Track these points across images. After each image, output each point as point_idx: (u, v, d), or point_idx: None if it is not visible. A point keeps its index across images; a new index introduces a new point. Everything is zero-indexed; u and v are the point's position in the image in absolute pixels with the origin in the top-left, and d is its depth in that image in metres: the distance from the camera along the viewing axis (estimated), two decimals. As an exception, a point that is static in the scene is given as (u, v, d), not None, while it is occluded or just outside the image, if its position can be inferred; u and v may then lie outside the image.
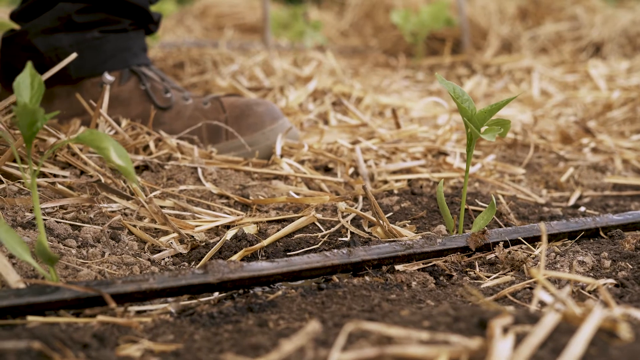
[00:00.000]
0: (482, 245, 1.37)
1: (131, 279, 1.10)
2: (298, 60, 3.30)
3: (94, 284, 1.08)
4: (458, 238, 1.36)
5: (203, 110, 1.93)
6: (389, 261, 1.29)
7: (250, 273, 1.16)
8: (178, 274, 1.12)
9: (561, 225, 1.45)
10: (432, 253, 1.33)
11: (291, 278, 1.21)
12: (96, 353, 0.93)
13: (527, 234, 1.40)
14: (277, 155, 1.83)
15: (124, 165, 1.01)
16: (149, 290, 1.09)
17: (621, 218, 1.51)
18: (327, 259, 1.23)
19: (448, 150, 2.06)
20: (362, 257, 1.26)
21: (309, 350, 0.82)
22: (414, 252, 1.31)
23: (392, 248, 1.30)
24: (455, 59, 4.17)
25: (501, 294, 1.19)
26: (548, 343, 0.80)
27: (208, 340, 0.99)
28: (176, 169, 1.69)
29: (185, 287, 1.12)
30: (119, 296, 1.08)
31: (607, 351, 0.79)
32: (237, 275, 1.15)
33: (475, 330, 0.85)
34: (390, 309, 1.06)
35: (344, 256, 1.25)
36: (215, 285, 1.14)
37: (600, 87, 3.25)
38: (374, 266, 1.28)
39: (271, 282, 1.19)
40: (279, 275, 1.19)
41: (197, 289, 1.13)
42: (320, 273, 1.23)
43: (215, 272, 1.13)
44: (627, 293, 1.17)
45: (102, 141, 1.01)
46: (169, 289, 1.11)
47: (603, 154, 2.21)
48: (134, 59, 1.99)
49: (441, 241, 1.34)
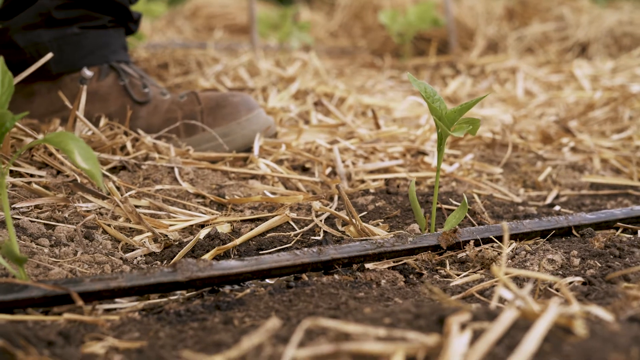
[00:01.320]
0: (454, 243, 1.37)
1: (99, 277, 1.10)
2: (282, 60, 3.30)
3: (62, 282, 1.08)
4: (429, 237, 1.37)
5: (179, 103, 1.94)
6: (360, 260, 1.30)
7: (220, 272, 1.17)
8: (147, 272, 1.13)
9: (533, 223, 1.46)
10: (403, 252, 1.34)
11: (261, 276, 1.21)
12: (61, 350, 0.94)
13: (498, 233, 1.41)
14: (254, 154, 1.84)
15: (88, 168, 1.01)
16: (118, 289, 1.10)
17: (594, 217, 1.52)
18: (297, 257, 1.24)
19: (427, 150, 2.07)
20: (332, 256, 1.27)
21: (267, 346, 0.83)
22: (384, 251, 1.32)
23: (363, 247, 1.30)
24: (441, 59, 4.18)
25: (469, 292, 1.20)
26: (505, 339, 0.81)
27: (172, 338, 0.99)
28: (153, 169, 1.70)
29: (154, 285, 1.12)
30: (87, 294, 1.08)
31: (561, 347, 0.79)
32: (206, 274, 1.15)
33: (434, 327, 0.86)
34: (356, 307, 1.07)
35: (314, 255, 1.25)
36: (185, 284, 1.14)
37: (585, 87, 3.26)
38: (345, 264, 1.29)
39: (241, 281, 1.20)
40: (248, 273, 1.19)
41: (166, 287, 1.13)
42: (290, 271, 1.24)
43: (184, 271, 1.14)
44: (594, 291, 1.18)
45: (67, 143, 1.02)
46: (137, 287, 1.11)
47: (582, 153, 2.22)
48: (113, 55, 2.00)
49: (412, 240, 1.35)
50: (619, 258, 1.33)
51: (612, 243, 1.39)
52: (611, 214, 1.53)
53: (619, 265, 1.29)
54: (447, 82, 3.65)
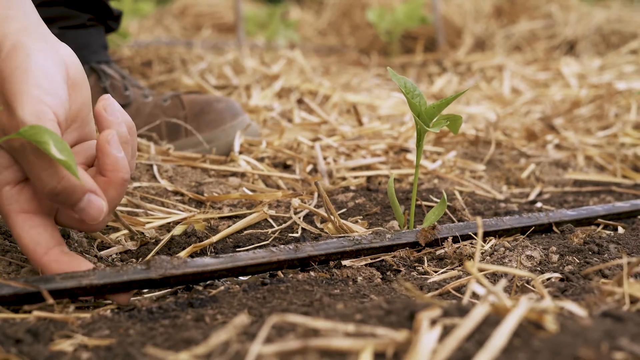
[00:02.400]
0: (432, 240, 1.36)
1: (71, 275, 1.09)
2: (267, 58, 3.29)
3: (33, 280, 1.07)
4: (408, 233, 1.36)
5: (162, 108, 1.92)
6: (337, 257, 1.29)
7: (194, 269, 1.15)
8: (120, 269, 1.11)
9: (513, 220, 1.45)
10: (381, 248, 1.33)
11: (236, 274, 1.20)
12: (29, 348, 0.93)
13: (477, 229, 1.41)
14: (235, 152, 1.83)
15: (64, 159, 1.00)
16: (90, 286, 1.09)
17: (575, 213, 1.51)
18: (273, 254, 1.22)
19: (410, 148, 2.06)
20: (309, 253, 1.25)
21: (235, 343, 0.82)
22: (362, 248, 1.30)
23: (340, 244, 1.29)
24: (428, 57, 4.18)
25: (445, 289, 1.19)
26: (475, 335, 0.80)
27: (142, 335, 0.98)
28: (131, 166, 1.68)
29: (127, 282, 1.11)
30: (59, 292, 1.07)
31: (531, 342, 0.79)
32: (180, 272, 1.14)
33: (405, 323, 0.85)
34: (329, 303, 1.06)
35: (290, 252, 1.24)
36: (158, 281, 1.13)
37: (571, 85, 3.26)
38: (322, 262, 1.28)
39: (216, 278, 1.19)
40: (223, 271, 1.18)
41: (139, 285, 1.12)
42: (266, 269, 1.22)
43: (158, 268, 1.13)
44: (571, 287, 1.17)
45: (42, 136, 1.00)
46: (110, 284, 1.10)
47: (566, 150, 2.22)
48: (93, 56, 1.98)
49: (390, 237, 1.34)
50: (598, 254, 1.33)
51: (591, 239, 1.38)
52: (592, 210, 1.53)
53: (597, 261, 1.29)
54: (433, 79, 3.64)
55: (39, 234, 1.10)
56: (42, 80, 1.02)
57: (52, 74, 1.04)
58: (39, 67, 1.04)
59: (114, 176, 1.07)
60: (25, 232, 1.10)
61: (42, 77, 1.03)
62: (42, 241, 1.10)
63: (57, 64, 1.07)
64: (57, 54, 1.09)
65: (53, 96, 1.02)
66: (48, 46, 1.09)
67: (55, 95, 1.03)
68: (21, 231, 1.10)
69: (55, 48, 1.10)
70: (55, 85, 1.04)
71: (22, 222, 1.10)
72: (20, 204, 1.09)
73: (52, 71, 1.05)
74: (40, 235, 1.10)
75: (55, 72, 1.05)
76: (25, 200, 1.10)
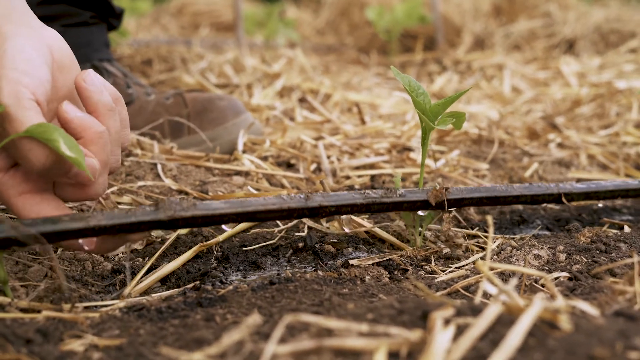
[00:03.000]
0: (441, 201, 1.33)
1: (80, 216, 1.06)
2: (268, 57, 3.29)
3: (41, 222, 1.04)
4: (418, 192, 1.32)
5: (165, 106, 1.92)
6: (347, 209, 1.25)
7: (203, 212, 1.12)
8: (128, 211, 1.09)
9: (523, 188, 1.42)
10: (390, 204, 1.29)
11: (245, 219, 1.17)
12: (39, 348, 0.92)
13: (488, 194, 1.37)
14: (239, 151, 1.82)
15: (74, 156, 1.00)
16: (98, 227, 1.06)
17: (584, 187, 1.49)
18: (284, 202, 1.20)
19: (413, 146, 2.06)
20: (319, 203, 1.23)
21: (248, 343, 0.81)
22: (372, 202, 1.27)
23: (351, 196, 1.26)
24: (427, 56, 4.18)
25: (454, 288, 1.19)
26: (489, 334, 0.80)
27: (153, 335, 0.98)
28: (135, 165, 1.68)
29: (135, 224, 1.08)
30: (67, 233, 1.05)
31: (546, 342, 0.78)
32: (189, 214, 1.12)
33: (418, 322, 0.84)
34: (339, 303, 1.06)
35: (301, 200, 1.22)
36: (167, 223, 1.11)
37: (571, 84, 3.26)
38: (332, 213, 1.24)
39: (224, 222, 1.16)
40: (232, 215, 1.15)
41: (148, 226, 1.10)
42: (275, 216, 1.19)
43: (166, 210, 1.11)
44: (580, 286, 1.17)
45: (51, 134, 1.00)
46: (118, 225, 1.07)
47: (569, 149, 2.22)
48: (95, 54, 1.97)
49: (401, 193, 1.31)
50: (605, 253, 1.32)
51: (598, 238, 1.38)
52: (601, 186, 1.50)
53: (605, 260, 1.28)
54: (433, 78, 3.64)
55: (43, 208, 1.10)
56: (19, 63, 1.04)
57: (29, 56, 1.06)
58: (16, 51, 1.05)
59: (87, 135, 1.07)
60: (30, 211, 1.09)
61: (19, 60, 1.04)
62: (49, 214, 1.10)
63: (37, 47, 1.08)
64: (39, 38, 1.10)
65: (31, 77, 1.04)
66: (30, 31, 1.10)
67: (33, 76, 1.04)
68: (25, 212, 1.10)
69: (38, 33, 1.11)
70: (33, 66, 1.05)
71: (24, 203, 1.10)
72: (16, 187, 1.10)
73: (29, 54, 1.06)
74: (45, 210, 1.10)
75: (34, 54, 1.06)
76: (21, 183, 1.10)
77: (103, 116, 1.10)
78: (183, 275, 1.28)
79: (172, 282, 1.27)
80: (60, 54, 1.13)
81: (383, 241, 1.44)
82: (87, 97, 1.10)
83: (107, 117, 1.10)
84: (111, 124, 1.11)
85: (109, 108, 1.10)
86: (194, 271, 1.30)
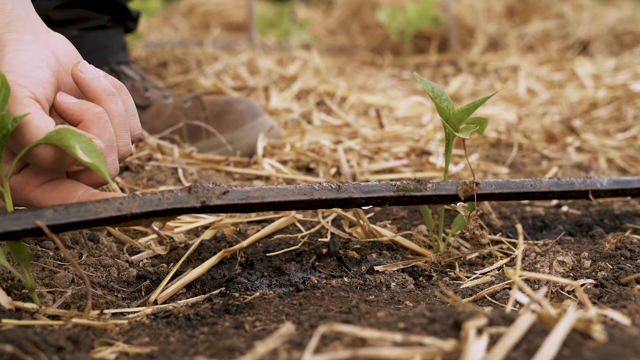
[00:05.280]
0: (471, 195, 1.33)
1: (111, 202, 1.06)
2: (283, 59, 3.29)
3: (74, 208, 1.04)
4: (449, 185, 1.32)
5: (183, 109, 1.92)
6: (377, 201, 1.26)
7: (235, 200, 1.14)
8: (160, 197, 1.09)
9: (551, 183, 1.42)
10: (421, 198, 1.30)
11: (277, 207, 1.18)
12: (70, 356, 0.93)
13: (518, 189, 1.37)
14: (258, 155, 1.82)
15: (92, 162, 0.99)
16: (130, 215, 1.06)
17: (612, 182, 1.48)
18: (316, 192, 1.20)
19: (431, 150, 2.06)
20: (350, 194, 1.23)
21: (282, 352, 0.82)
22: (403, 195, 1.27)
23: (383, 187, 1.26)
24: (442, 58, 4.17)
25: (480, 295, 1.19)
26: (522, 344, 0.80)
27: (183, 343, 0.98)
28: (156, 170, 1.68)
29: (167, 210, 1.08)
30: (98, 221, 1.04)
31: (581, 352, 0.78)
32: (221, 202, 1.12)
33: (450, 331, 0.84)
34: (368, 310, 1.06)
35: (332, 191, 1.22)
36: (199, 209, 1.11)
37: (587, 86, 3.25)
38: (362, 204, 1.25)
39: (255, 210, 1.17)
40: (264, 204, 1.16)
41: (180, 212, 1.10)
42: (306, 205, 1.20)
43: (200, 196, 1.11)
44: (606, 293, 1.17)
45: (68, 140, 1.00)
46: (151, 212, 1.07)
47: (587, 153, 2.21)
48: (112, 57, 1.98)
49: (432, 186, 1.31)
50: (630, 260, 1.32)
51: (623, 244, 1.38)
52: (628, 182, 1.50)
53: (631, 267, 1.28)
54: (448, 80, 3.63)
55: (60, 191, 1.10)
56: (16, 66, 1.06)
57: (28, 59, 1.08)
58: (14, 55, 1.08)
59: (85, 117, 1.09)
60: (48, 199, 1.10)
61: (16, 63, 1.07)
62: (67, 194, 1.10)
63: (39, 51, 1.10)
64: (42, 43, 1.12)
65: (29, 78, 1.06)
66: (34, 37, 1.13)
67: (31, 77, 1.06)
68: (45, 201, 1.10)
69: (43, 38, 1.14)
70: (32, 67, 1.07)
71: (41, 193, 1.11)
72: (31, 182, 1.11)
73: (28, 57, 1.08)
74: (62, 192, 1.10)
75: (34, 57, 1.08)
76: (35, 178, 1.11)
77: (104, 101, 1.12)
78: (208, 281, 1.28)
79: (197, 288, 1.27)
80: (66, 57, 1.16)
81: (406, 247, 1.44)
82: (85, 85, 1.12)
83: (108, 101, 1.12)
84: (112, 107, 1.12)
85: (109, 93, 1.12)
86: (219, 277, 1.30)
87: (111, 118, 1.12)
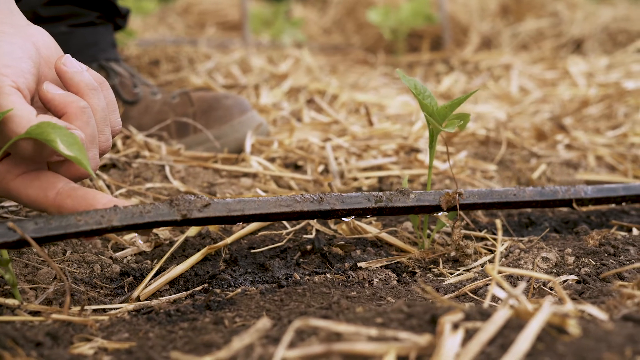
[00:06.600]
0: (453, 206, 1.33)
1: (92, 215, 1.05)
2: (275, 57, 3.29)
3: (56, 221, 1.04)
4: (431, 195, 1.32)
5: (171, 105, 1.92)
6: (359, 212, 1.26)
7: (216, 213, 1.14)
8: (142, 210, 1.09)
9: (535, 192, 1.42)
10: (403, 209, 1.29)
11: (258, 219, 1.18)
12: (49, 351, 0.93)
13: (501, 199, 1.37)
14: (247, 151, 1.82)
15: (73, 155, 0.99)
16: (112, 228, 1.06)
17: (596, 190, 1.48)
18: (297, 204, 1.21)
19: (420, 147, 2.06)
20: (332, 206, 1.23)
21: (258, 347, 0.82)
22: (385, 206, 1.27)
23: (365, 198, 1.26)
24: (434, 56, 4.17)
25: (462, 291, 1.19)
26: (498, 339, 0.80)
27: (162, 338, 0.98)
28: (144, 167, 1.68)
29: (149, 224, 1.09)
30: (81, 234, 1.04)
31: (555, 347, 0.78)
32: (202, 215, 1.13)
33: (427, 326, 0.85)
34: (348, 306, 1.06)
35: (314, 203, 1.22)
36: (180, 222, 1.11)
37: (579, 84, 3.25)
38: (344, 215, 1.25)
39: (237, 222, 1.16)
40: (245, 216, 1.16)
41: (161, 224, 1.10)
42: (288, 217, 1.20)
43: (181, 209, 1.11)
44: (588, 289, 1.17)
45: (49, 133, 1.00)
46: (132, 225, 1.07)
47: (577, 150, 2.21)
48: (102, 54, 1.98)
49: (414, 197, 1.31)
50: (614, 256, 1.32)
51: (607, 241, 1.38)
52: (612, 189, 1.50)
53: (614, 263, 1.28)
54: (440, 78, 3.64)
55: (41, 181, 1.10)
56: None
57: (10, 50, 1.08)
58: None
59: (70, 110, 1.09)
60: (28, 188, 1.10)
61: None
62: (48, 185, 1.10)
63: (20, 44, 1.11)
64: (23, 36, 1.13)
65: (11, 67, 1.06)
66: (14, 29, 1.13)
67: (13, 66, 1.06)
68: (25, 189, 1.10)
69: (23, 31, 1.14)
70: (13, 58, 1.08)
71: (21, 183, 1.10)
72: (12, 172, 1.11)
73: (9, 48, 1.09)
74: (43, 182, 1.10)
75: (15, 48, 1.09)
76: (15, 167, 1.11)
77: (86, 95, 1.12)
78: (191, 278, 1.29)
79: (181, 285, 1.27)
80: (47, 49, 1.16)
81: (391, 243, 1.44)
82: (68, 79, 1.12)
83: (90, 95, 1.12)
84: (95, 102, 1.13)
85: (91, 87, 1.13)
86: (203, 274, 1.30)
87: (94, 112, 1.12)
